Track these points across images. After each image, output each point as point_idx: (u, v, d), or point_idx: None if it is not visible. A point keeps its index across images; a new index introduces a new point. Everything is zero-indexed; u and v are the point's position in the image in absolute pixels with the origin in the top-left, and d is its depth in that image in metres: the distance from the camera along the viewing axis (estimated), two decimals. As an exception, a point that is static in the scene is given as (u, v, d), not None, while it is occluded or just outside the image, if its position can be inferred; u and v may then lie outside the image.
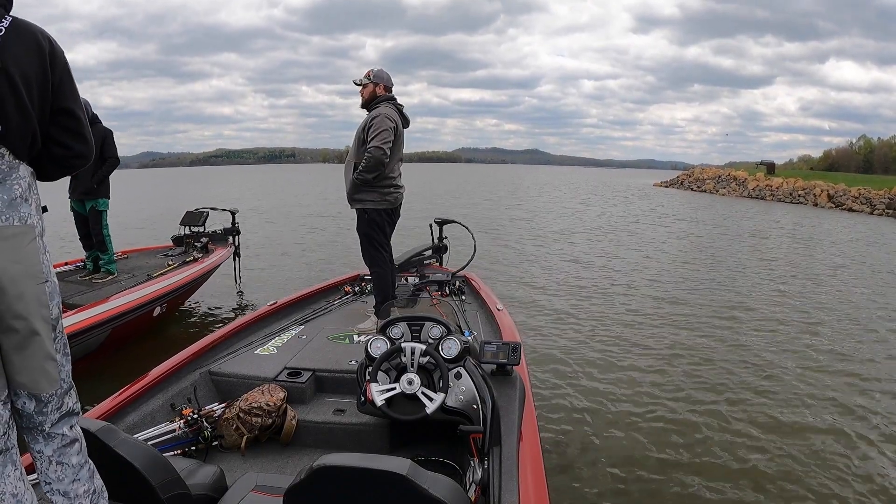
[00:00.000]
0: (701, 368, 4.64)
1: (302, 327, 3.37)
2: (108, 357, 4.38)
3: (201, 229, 6.57)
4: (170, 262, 5.76)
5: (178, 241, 6.53)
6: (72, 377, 1.35)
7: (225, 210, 6.86)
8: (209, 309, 6.39)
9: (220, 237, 6.75)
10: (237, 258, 6.90)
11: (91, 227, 5.15)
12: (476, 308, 3.79)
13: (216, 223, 6.85)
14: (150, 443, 1.95)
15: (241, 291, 7.07)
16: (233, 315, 6.06)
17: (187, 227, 6.57)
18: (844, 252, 11.68)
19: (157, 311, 4.99)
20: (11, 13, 1.25)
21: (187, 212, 6.80)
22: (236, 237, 6.85)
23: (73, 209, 5.21)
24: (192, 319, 6.06)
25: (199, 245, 6.34)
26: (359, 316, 3.67)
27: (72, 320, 3.93)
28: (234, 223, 6.80)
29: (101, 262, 5.26)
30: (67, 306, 4.23)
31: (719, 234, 14.18)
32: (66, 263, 5.67)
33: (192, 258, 5.92)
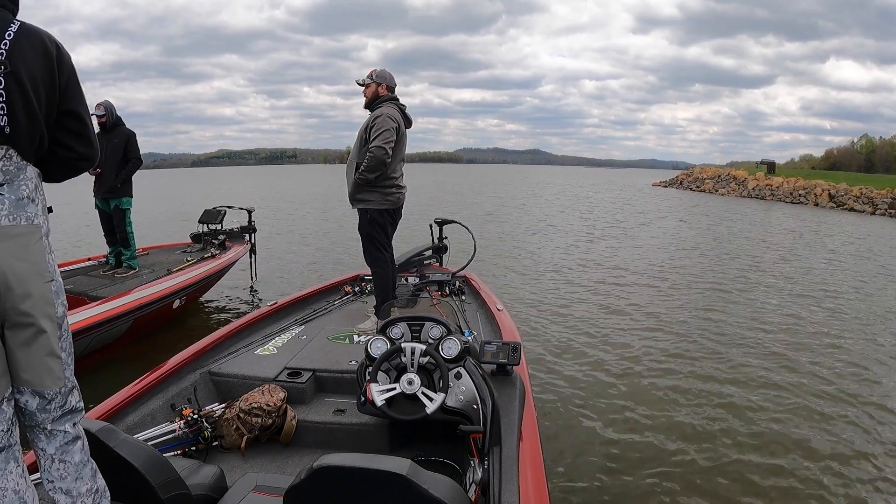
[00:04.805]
0: (705, 369, 4.63)
1: (302, 327, 3.38)
2: (130, 345, 4.69)
3: (219, 227, 6.80)
4: (188, 258, 5.96)
5: (196, 238, 6.79)
6: (75, 375, 1.36)
7: (242, 209, 7.04)
8: (226, 302, 6.60)
9: (237, 235, 6.95)
10: (253, 255, 7.06)
11: (115, 225, 5.39)
12: (476, 308, 3.79)
13: (233, 221, 7.06)
14: (150, 443, 1.96)
15: (256, 287, 7.19)
16: (249, 308, 6.22)
17: (205, 225, 6.80)
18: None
19: (177, 303, 5.27)
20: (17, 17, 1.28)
21: (205, 210, 7.01)
22: (252, 235, 7.03)
23: (97, 207, 5.46)
24: (210, 312, 6.26)
25: (216, 242, 6.61)
26: (359, 316, 3.68)
27: (97, 311, 4.20)
28: (250, 221, 7.00)
29: (123, 257, 5.48)
30: (92, 298, 4.51)
31: (719, 236, 14.16)
32: (90, 259, 5.93)
33: (209, 255, 6.14)
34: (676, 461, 3.19)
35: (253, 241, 7.01)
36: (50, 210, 1.34)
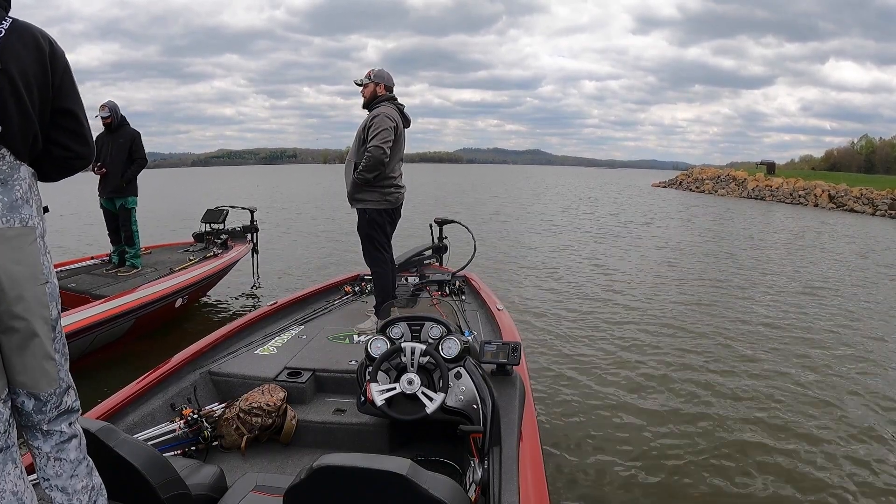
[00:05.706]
0: (707, 368, 4.62)
1: (302, 327, 3.38)
2: (132, 344, 4.71)
3: (221, 226, 6.84)
4: (191, 258, 5.99)
5: (198, 237, 6.84)
6: (70, 375, 1.35)
7: (244, 208, 7.06)
8: (228, 302, 6.63)
9: (239, 234, 6.98)
10: (255, 254, 7.08)
11: (121, 224, 5.45)
12: (476, 308, 3.79)
13: (235, 221, 7.09)
14: (150, 443, 1.96)
15: (257, 286, 7.20)
16: (251, 307, 6.24)
17: (208, 225, 6.85)
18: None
19: (179, 302, 5.29)
20: (10, 14, 1.25)
21: (208, 210, 7.06)
22: (255, 234, 7.05)
23: (102, 206, 5.51)
24: (212, 311, 6.29)
25: (218, 241, 6.65)
26: (359, 316, 3.68)
27: (99, 310, 4.21)
28: (252, 221, 7.01)
29: (127, 255, 5.54)
30: (95, 297, 4.54)
31: (719, 236, 14.16)
32: (92, 258, 5.97)
33: (212, 254, 6.18)
34: (678, 460, 3.19)
35: (255, 240, 7.04)
36: (45, 210, 1.32)
